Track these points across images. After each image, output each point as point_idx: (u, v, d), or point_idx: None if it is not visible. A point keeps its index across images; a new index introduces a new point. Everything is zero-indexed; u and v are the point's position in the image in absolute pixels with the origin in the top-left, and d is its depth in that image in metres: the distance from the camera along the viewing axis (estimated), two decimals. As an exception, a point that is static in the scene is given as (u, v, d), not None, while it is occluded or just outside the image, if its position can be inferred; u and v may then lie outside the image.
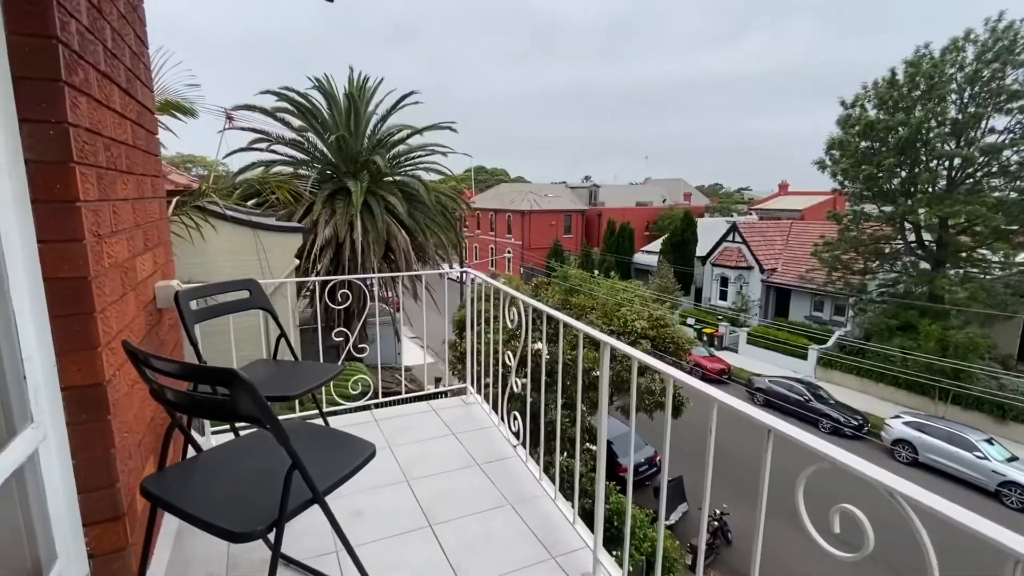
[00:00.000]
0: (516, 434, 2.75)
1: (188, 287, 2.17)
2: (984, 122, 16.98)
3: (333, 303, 3.31)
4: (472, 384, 3.46)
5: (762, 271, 26.68)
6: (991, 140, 16.98)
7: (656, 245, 34.08)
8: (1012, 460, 13.80)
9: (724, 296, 28.61)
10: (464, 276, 3.84)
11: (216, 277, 8.66)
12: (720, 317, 26.67)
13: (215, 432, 2.85)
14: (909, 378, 17.71)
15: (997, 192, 17.19)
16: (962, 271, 18.14)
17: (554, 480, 2.28)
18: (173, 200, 5.62)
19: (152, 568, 1.77)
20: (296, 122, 14.11)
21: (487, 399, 3.30)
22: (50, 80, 1.28)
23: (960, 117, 17.24)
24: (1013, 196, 16.75)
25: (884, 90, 18.43)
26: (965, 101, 17.22)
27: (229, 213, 7.75)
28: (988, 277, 17.60)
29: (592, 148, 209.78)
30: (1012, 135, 16.76)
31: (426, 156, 15.08)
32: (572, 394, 8.61)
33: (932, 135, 17.51)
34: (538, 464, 2.52)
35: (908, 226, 19.60)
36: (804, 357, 21.78)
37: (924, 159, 18.35)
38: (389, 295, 14.96)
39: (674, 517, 11.99)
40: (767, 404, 18.79)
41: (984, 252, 17.81)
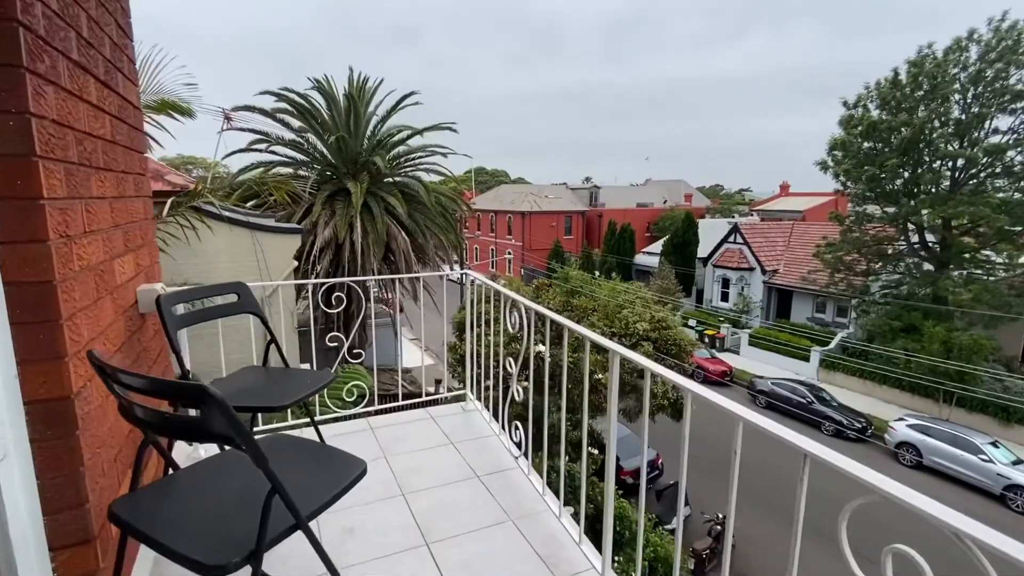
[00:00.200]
0: (518, 444, 2.62)
1: (173, 290, 2.06)
2: (988, 122, 16.87)
3: (330, 306, 3.20)
4: (471, 390, 3.35)
5: (764, 272, 26.55)
6: (995, 140, 16.86)
7: (657, 246, 33.98)
8: (1017, 463, 13.67)
9: (725, 297, 28.49)
10: (464, 278, 3.70)
11: (214, 278, 8.54)
12: (722, 318, 26.55)
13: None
14: (913, 380, 17.58)
15: (1001, 193, 17.07)
16: (966, 272, 18.00)
17: (559, 495, 2.16)
18: (168, 201, 5.53)
19: (128, 593, 1.66)
20: (296, 123, 14.03)
21: (487, 406, 3.18)
22: (9, 66, 1.18)
23: (963, 117, 17.12)
24: (1017, 197, 16.63)
25: (887, 90, 18.30)
26: (968, 101, 17.10)
27: (226, 214, 7.66)
28: (992, 279, 17.47)
29: (592, 149, 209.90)
30: (1016, 135, 16.64)
31: (426, 157, 14.99)
32: (574, 397, 8.50)
33: (935, 135, 17.39)
34: (541, 477, 2.39)
35: (911, 227, 19.48)
36: (806, 359, 21.66)
37: (927, 160, 18.23)
38: (388, 296, 14.87)
39: (675, 521, 11.86)
40: (769, 407, 18.67)
41: (988, 253, 17.68)
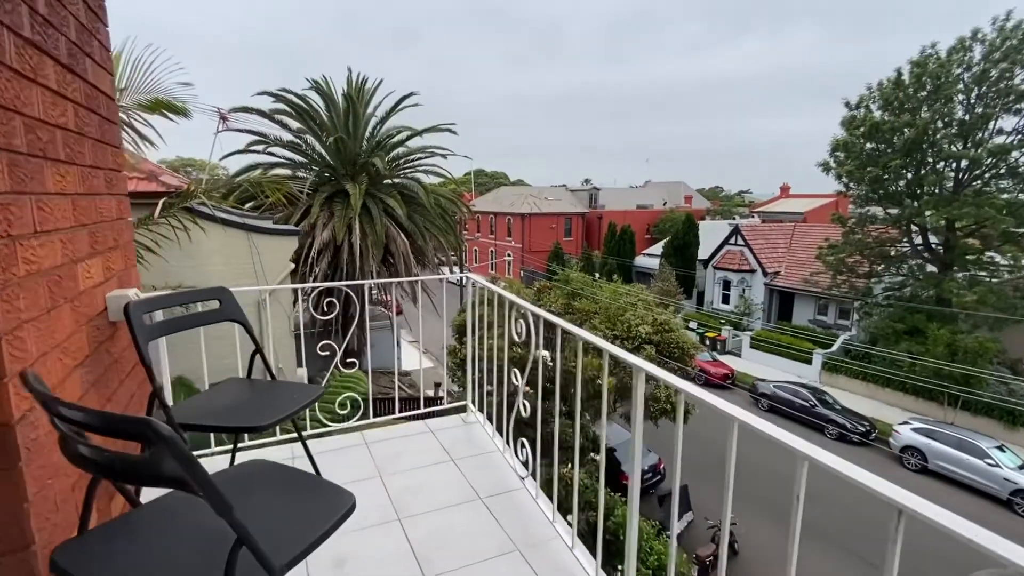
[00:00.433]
0: (524, 463, 2.42)
1: (147, 297, 1.88)
2: (992, 123, 16.71)
3: (323, 313, 3.02)
4: (473, 402, 3.15)
5: (765, 274, 26.38)
6: (999, 141, 16.70)
7: (657, 248, 33.83)
8: (1024, 468, 13.50)
9: (726, 299, 28.32)
10: (464, 281, 3.43)
11: (209, 281, 8.30)
12: (723, 321, 26.38)
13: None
14: (917, 384, 17.39)
15: (1006, 194, 16.91)
16: (970, 273, 17.83)
17: (572, 523, 1.96)
18: (160, 202, 5.36)
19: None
20: (294, 124, 13.87)
21: (490, 418, 2.99)
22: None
23: (967, 118, 16.96)
24: (1022, 198, 16.47)
25: (889, 90, 18.14)
26: (972, 102, 16.95)
27: (220, 215, 7.48)
28: (997, 281, 17.29)
29: (592, 151, 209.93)
30: (1021, 136, 16.48)
31: (426, 158, 14.84)
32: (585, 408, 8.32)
33: (939, 136, 17.23)
34: (551, 500, 2.18)
35: (914, 229, 19.32)
36: (809, 362, 21.49)
37: (931, 161, 18.07)
38: (387, 298, 14.69)
39: (678, 527, 11.68)
40: (772, 410, 18.48)
41: (992, 255, 17.51)
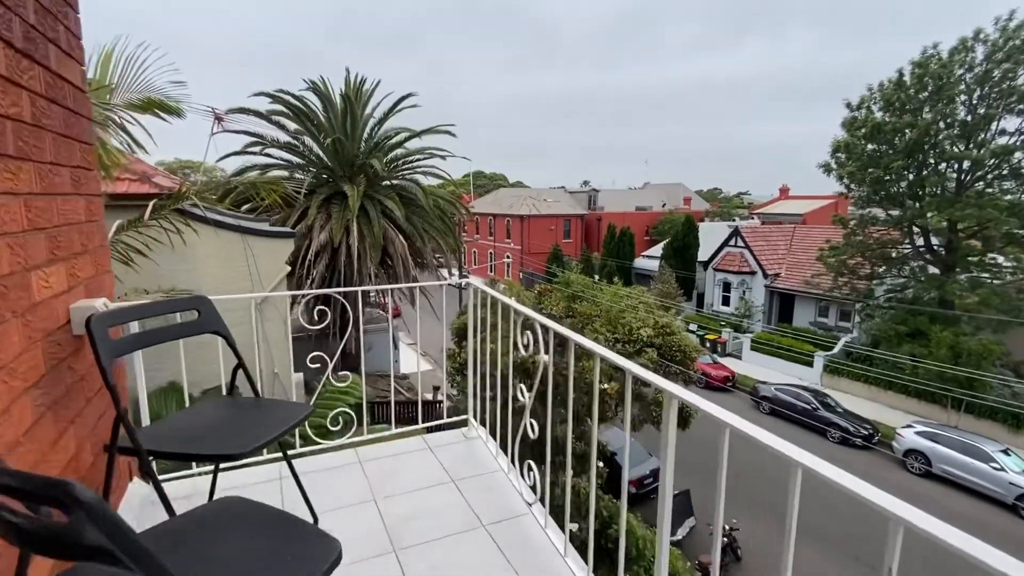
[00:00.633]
0: (532, 488, 2.23)
1: (116, 308, 1.71)
2: (995, 124, 16.61)
3: (313, 323, 2.84)
4: (474, 416, 2.96)
5: (765, 276, 26.26)
6: (1002, 142, 16.60)
7: (657, 250, 33.71)
8: (1030, 471, 13.35)
9: (726, 302, 28.18)
10: (465, 287, 3.21)
11: (203, 284, 8.09)
12: (723, 323, 26.24)
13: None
14: (920, 386, 17.25)
15: (1009, 195, 16.80)
16: (973, 275, 17.71)
17: (587, 559, 1.77)
18: (150, 204, 5.21)
19: None
20: (291, 125, 13.72)
21: (492, 433, 2.79)
22: None
23: (970, 119, 16.86)
24: (1025, 199, 16.39)
25: (891, 91, 18.05)
26: (975, 102, 16.85)
27: (215, 217, 7.31)
28: (1000, 282, 17.17)
29: (591, 153, 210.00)
30: (1023, 136, 16.38)
31: (424, 160, 14.71)
32: (587, 414, 8.15)
33: (941, 137, 17.13)
34: (563, 531, 1.99)
35: (916, 230, 19.21)
36: (810, 364, 21.34)
37: (933, 162, 17.97)
38: (385, 301, 14.53)
39: (681, 532, 11.52)
40: (773, 413, 18.33)
41: (995, 257, 17.39)
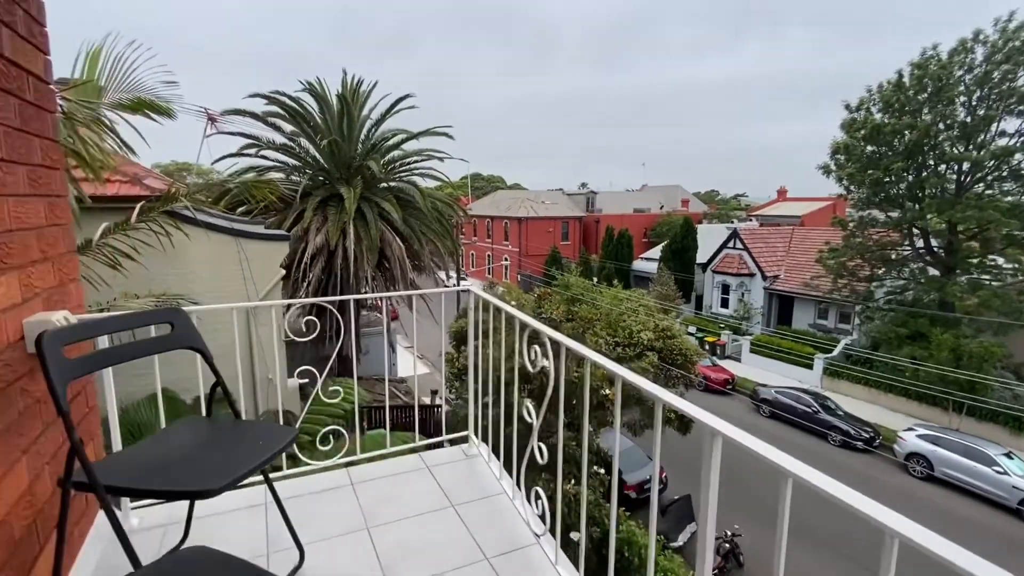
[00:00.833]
0: (541, 517, 2.03)
1: (78, 321, 1.58)
2: (995, 125, 16.57)
3: (301, 335, 2.69)
4: (475, 431, 2.76)
5: (764, 278, 26.21)
6: (1002, 143, 16.57)
7: (655, 252, 33.66)
8: (1033, 475, 13.27)
9: (725, 304, 28.13)
10: (466, 294, 2.98)
11: (195, 288, 7.94)
12: (722, 325, 26.17)
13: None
14: (920, 389, 17.17)
15: (1010, 197, 16.76)
16: (973, 277, 17.65)
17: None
18: (137, 206, 5.09)
19: None
20: (288, 127, 13.63)
21: (495, 451, 2.61)
22: None
23: (969, 120, 16.83)
24: (1025, 200, 16.35)
25: (890, 93, 18.02)
26: (974, 104, 16.82)
27: (208, 220, 7.19)
28: (1000, 284, 17.12)
29: (588, 155, 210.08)
30: (1023, 138, 16.35)
31: (422, 162, 14.63)
32: (579, 417, 8.02)
33: (941, 138, 17.09)
34: (578, 569, 1.80)
35: (915, 232, 19.16)
36: (810, 366, 21.27)
37: (932, 163, 17.94)
38: (381, 304, 14.41)
39: (683, 538, 11.41)
40: (773, 416, 18.23)
41: (995, 258, 17.34)
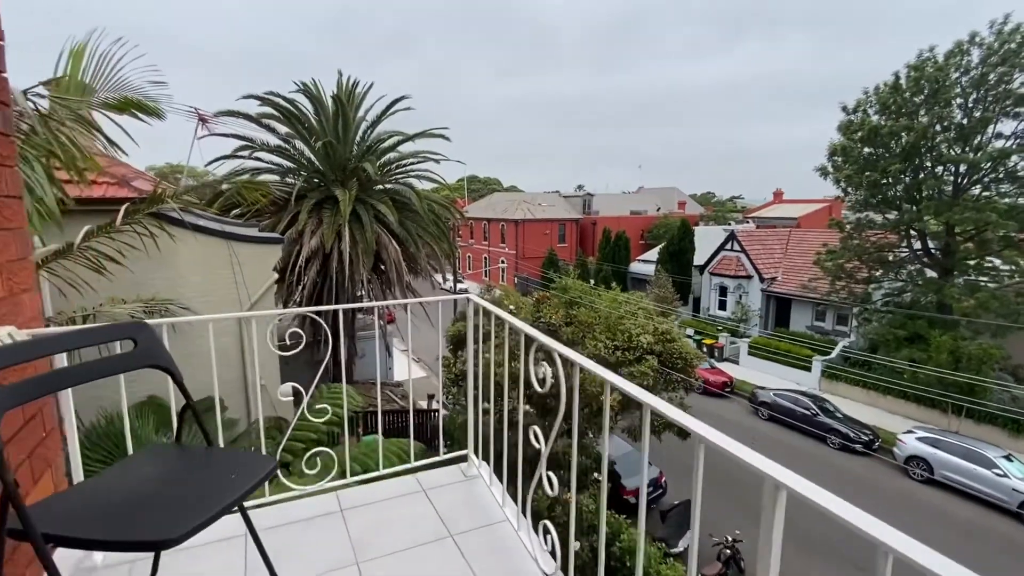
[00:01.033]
0: (552, 553, 1.85)
1: (32, 337, 1.41)
2: (992, 127, 16.57)
3: (285, 349, 2.52)
4: (475, 450, 2.54)
5: (762, 280, 26.16)
6: (999, 145, 16.57)
7: (652, 254, 33.61)
8: (1033, 477, 13.20)
9: (723, 306, 28.07)
10: (466, 303, 2.73)
11: (185, 292, 7.72)
12: (720, 327, 26.09)
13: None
14: (920, 392, 17.10)
15: (1007, 198, 16.75)
16: (971, 278, 17.62)
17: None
18: (121, 208, 4.91)
19: None
20: (282, 128, 13.47)
21: (498, 472, 2.39)
22: None
23: (966, 122, 16.83)
24: (1023, 202, 16.32)
25: (887, 95, 18.01)
26: (971, 106, 16.82)
27: (198, 222, 7.00)
28: (996, 286, 17.09)
29: (584, 157, 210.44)
30: (1019, 140, 16.35)
31: (418, 163, 14.49)
32: (589, 426, 7.88)
33: (938, 140, 17.08)
34: None
35: (913, 233, 19.14)
36: (808, 369, 21.20)
37: (929, 165, 17.93)
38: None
39: (682, 544, 11.27)
40: (772, 419, 18.12)
41: (993, 260, 17.31)
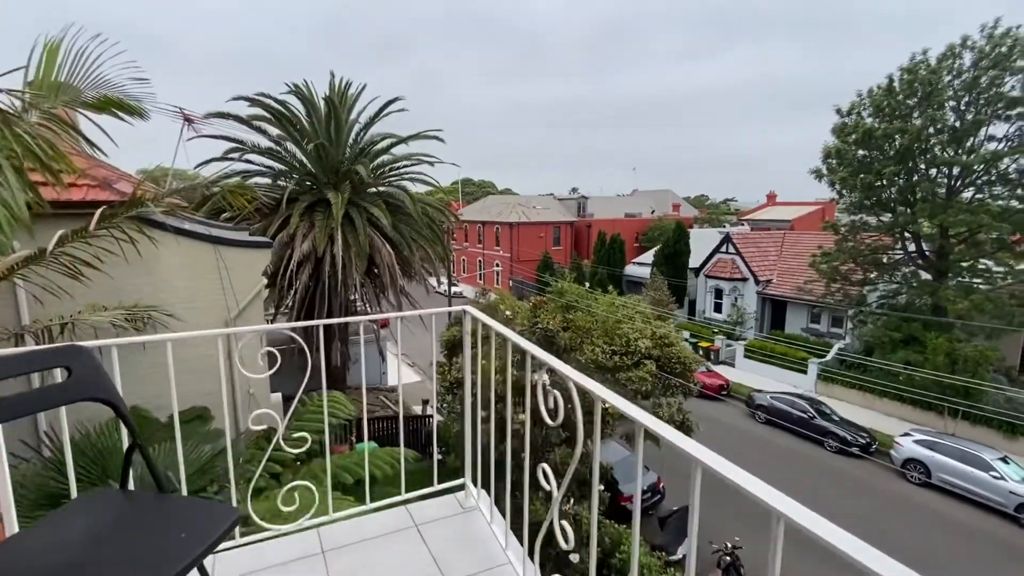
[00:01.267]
0: None
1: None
2: (984, 129, 16.63)
3: (257, 370, 2.31)
4: (473, 479, 2.27)
5: (757, 282, 26.14)
6: (991, 148, 16.64)
7: (648, 257, 33.56)
8: (1030, 480, 13.16)
9: (719, 308, 28.02)
10: (462, 315, 2.45)
11: (169, 298, 7.39)
12: (715, 330, 26.03)
13: None
14: (916, 395, 17.05)
15: (1000, 201, 16.81)
16: (965, 280, 17.65)
17: None
18: (97, 211, 4.67)
19: None
20: (274, 130, 13.26)
21: (499, 503, 2.14)
22: None
23: (959, 125, 16.88)
24: (1015, 204, 16.38)
25: (880, 97, 18.06)
26: (963, 108, 16.88)
27: (176, 224, 6.72)
28: (989, 288, 17.12)
29: (579, 160, 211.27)
30: (1011, 142, 16.42)
31: (412, 166, 14.31)
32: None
33: (932, 142, 17.13)
34: None
35: (907, 236, 19.17)
36: (804, 371, 21.15)
37: (923, 167, 17.97)
38: (369, 311, 14.03)
39: (681, 551, 11.10)
40: (769, 423, 18.01)
41: (987, 262, 17.35)
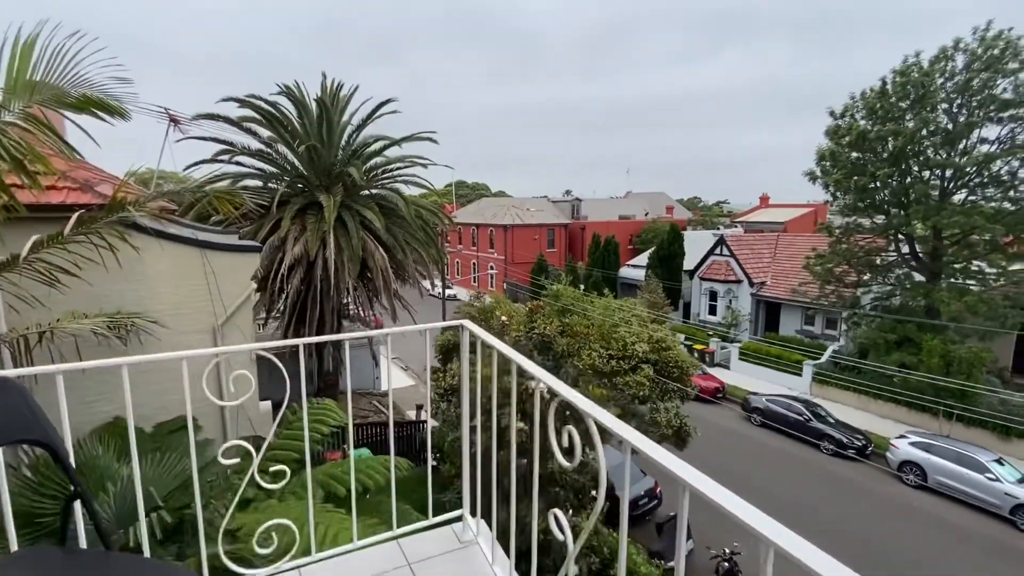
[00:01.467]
0: None
1: None
2: (977, 131, 16.70)
3: (234, 390, 2.14)
4: (472, 510, 2.08)
5: (751, 284, 26.15)
6: (984, 150, 16.71)
7: (642, 259, 33.53)
8: (1025, 481, 13.16)
9: (713, 311, 28.01)
10: (460, 330, 2.24)
11: (153, 305, 7.12)
12: (710, 332, 26.00)
13: None
14: (910, 397, 17.06)
15: (993, 202, 16.88)
16: (959, 282, 17.70)
17: None
18: (74, 216, 4.46)
19: None
20: (265, 132, 13.05)
21: (501, 540, 1.93)
22: None
23: (952, 127, 16.95)
24: (1008, 206, 16.46)
25: (873, 100, 18.11)
26: (956, 110, 16.95)
27: (159, 228, 6.50)
28: (983, 289, 17.17)
29: (573, 163, 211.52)
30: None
31: (405, 168, 14.13)
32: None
33: (925, 145, 17.18)
34: None
35: (901, 237, 19.22)
36: (798, 373, 21.14)
37: (917, 169, 18.03)
38: (366, 315, 13.84)
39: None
40: (764, 425, 17.96)
41: (980, 264, 17.41)
